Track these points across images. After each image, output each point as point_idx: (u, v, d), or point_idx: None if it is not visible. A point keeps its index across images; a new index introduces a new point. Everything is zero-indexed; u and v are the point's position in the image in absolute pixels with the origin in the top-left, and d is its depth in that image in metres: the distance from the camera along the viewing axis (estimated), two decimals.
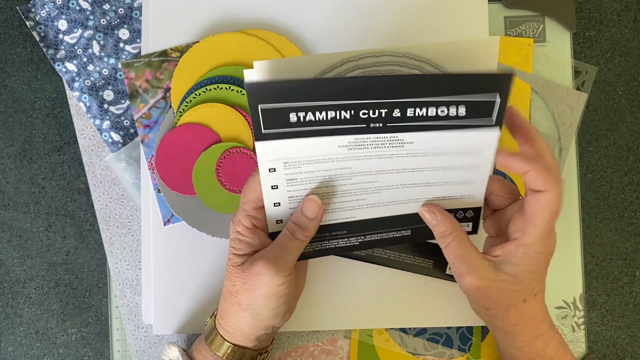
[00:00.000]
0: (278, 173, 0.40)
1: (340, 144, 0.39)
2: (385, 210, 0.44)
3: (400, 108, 0.38)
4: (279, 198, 0.42)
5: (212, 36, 0.53)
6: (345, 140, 0.39)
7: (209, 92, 0.52)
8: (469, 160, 0.41)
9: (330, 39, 0.54)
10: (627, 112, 0.58)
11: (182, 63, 0.52)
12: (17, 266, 0.56)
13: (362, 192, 0.43)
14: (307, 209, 0.42)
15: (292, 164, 0.40)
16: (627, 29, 0.58)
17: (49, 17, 0.55)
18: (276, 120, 0.37)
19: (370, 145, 0.40)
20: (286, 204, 0.42)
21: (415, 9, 0.54)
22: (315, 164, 0.40)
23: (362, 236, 0.45)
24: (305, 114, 0.37)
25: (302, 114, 0.37)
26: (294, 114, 0.37)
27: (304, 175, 0.41)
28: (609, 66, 0.58)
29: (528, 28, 0.56)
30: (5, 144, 0.56)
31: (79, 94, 0.55)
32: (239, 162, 0.51)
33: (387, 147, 0.40)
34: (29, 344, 0.56)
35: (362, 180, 0.42)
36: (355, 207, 0.44)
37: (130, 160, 0.55)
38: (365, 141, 0.39)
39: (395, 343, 0.54)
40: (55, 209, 0.56)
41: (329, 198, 0.43)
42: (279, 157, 0.39)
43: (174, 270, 0.53)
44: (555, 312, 0.55)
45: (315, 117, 0.37)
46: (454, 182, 0.43)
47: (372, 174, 0.41)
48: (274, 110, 0.37)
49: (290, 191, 0.42)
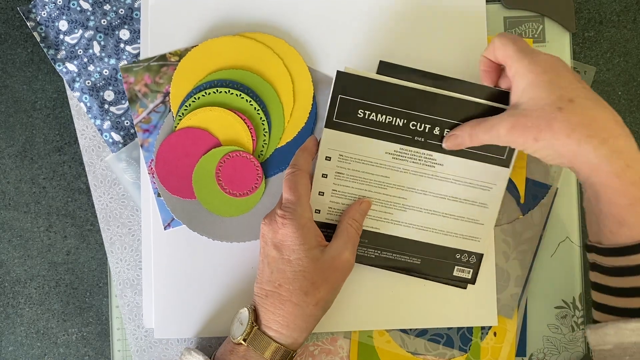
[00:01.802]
0: (331, 163, 0.47)
1: (387, 150, 0.46)
2: (406, 232, 0.48)
3: (440, 126, 0.46)
4: (324, 188, 0.48)
5: (211, 40, 0.53)
6: (392, 147, 0.46)
7: (208, 96, 0.52)
8: (482, 197, 0.48)
9: (329, 41, 0.54)
10: (627, 112, 0.58)
11: (181, 67, 0.52)
12: (17, 266, 0.56)
13: (391, 206, 0.48)
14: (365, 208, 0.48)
15: (345, 157, 0.47)
16: (626, 29, 0.58)
17: (49, 17, 0.55)
18: (347, 112, 0.46)
19: (410, 159, 0.47)
20: (328, 196, 0.48)
21: (413, 11, 0.54)
22: (362, 164, 0.47)
23: (378, 251, 0.49)
24: (371, 113, 0.45)
25: (368, 112, 0.45)
26: (362, 111, 0.45)
27: (350, 172, 0.47)
28: (608, 66, 0.58)
29: (527, 28, 0.56)
30: (6, 144, 0.57)
31: (79, 94, 0.55)
32: (238, 165, 0.51)
33: (422, 164, 0.47)
34: (30, 344, 0.56)
35: (395, 193, 0.48)
36: (382, 219, 0.48)
37: (130, 161, 0.55)
38: (407, 153, 0.46)
39: (396, 344, 0.54)
40: (55, 209, 0.56)
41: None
42: (338, 147, 0.46)
43: (175, 273, 0.53)
44: (554, 312, 0.55)
45: (376, 118, 0.45)
46: (467, 218, 0.48)
47: (405, 189, 0.47)
48: (349, 102, 0.45)
49: (336, 184, 0.47)
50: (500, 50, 0.44)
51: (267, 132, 0.52)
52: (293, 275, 0.44)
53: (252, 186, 0.52)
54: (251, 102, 0.51)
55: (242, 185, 0.51)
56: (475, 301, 0.52)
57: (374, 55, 0.54)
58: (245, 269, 0.53)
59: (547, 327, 0.54)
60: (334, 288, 0.46)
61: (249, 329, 0.45)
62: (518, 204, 0.54)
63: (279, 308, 0.45)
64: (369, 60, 0.54)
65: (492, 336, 0.53)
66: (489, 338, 0.54)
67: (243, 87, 0.52)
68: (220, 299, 0.53)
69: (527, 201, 0.54)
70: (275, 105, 0.52)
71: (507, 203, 0.54)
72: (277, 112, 0.52)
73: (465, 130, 0.45)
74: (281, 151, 0.52)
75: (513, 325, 0.54)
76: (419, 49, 0.54)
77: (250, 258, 0.53)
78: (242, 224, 0.53)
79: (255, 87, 0.52)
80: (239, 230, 0.53)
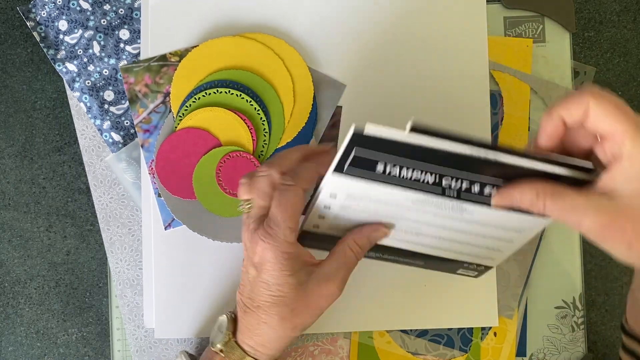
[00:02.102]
0: (337, 200, 0.40)
1: (408, 198, 0.39)
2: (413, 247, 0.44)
3: (480, 185, 0.38)
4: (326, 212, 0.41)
5: (212, 40, 0.53)
6: (415, 197, 0.38)
7: (209, 96, 0.52)
8: (509, 235, 0.41)
9: (329, 41, 0.54)
10: None
11: (182, 67, 0.52)
12: (17, 266, 0.56)
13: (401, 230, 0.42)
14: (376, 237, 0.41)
15: (354, 197, 0.39)
16: (626, 29, 0.58)
17: (49, 17, 0.55)
18: (363, 165, 0.37)
19: (434, 204, 0.39)
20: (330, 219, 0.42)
21: (414, 10, 0.54)
22: (375, 204, 0.40)
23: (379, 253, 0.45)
24: (393, 167, 0.37)
25: (390, 166, 0.37)
26: (382, 165, 0.37)
27: (359, 207, 0.40)
28: (608, 67, 0.58)
29: (527, 29, 0.56)
30: (5, 144, 0.57)
31: (79, 94, 0.55)
32: (239, 166, 0.51)
33: (448, 210, 0.39)
34: (30, 344, 0.56)
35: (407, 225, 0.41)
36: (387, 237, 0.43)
37: (130, 161, 0.55)
38: (433, 201, 0.39)
39: (396, 345, 0.54)
40: (55, 209, 0.56)
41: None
42: (347, 191, 0.39)
43: (175, 274, 0.53)
44: (554, 312, 0.55)
45: (399, 174, 0.37)
46: (484, 246, 0.43)
47: (420, 222, 0.41)
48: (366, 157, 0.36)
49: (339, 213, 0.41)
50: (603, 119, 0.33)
51: (267, 133, 0.52)
52: (272, 300, 0.41)
53: None
54: (251, 102, 0.51)
55: None
56: (475, 302, 0.52)
57: (374, 55, 0.54)
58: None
59: (547, 327, 0.54)
60: (316, 314, 0.42)
61: (227, 338, 0.43)
62: None
63: (255, 328, 0.43)
64: (368, 59, 0.54)
65: (492, 336, 0.53)
66: (489, 338, 0.54)
67: (243, 87, 0.52)
68: (220, 299, 0.53)
69: None
70: (275, 106, 0.52)
71: None
72: (277, 112, 0.52)
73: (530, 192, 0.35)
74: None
75: (513, 325, 0.54)
76: (419, 49, 0.54)
77: None
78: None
79: (256, 87, 0.52)
80: (239, 231, 0.52)
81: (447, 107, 0.54)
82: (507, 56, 0.55)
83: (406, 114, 0.53)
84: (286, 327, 0.42)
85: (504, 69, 0.55)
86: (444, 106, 0.54)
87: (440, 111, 0.54)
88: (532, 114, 0.55)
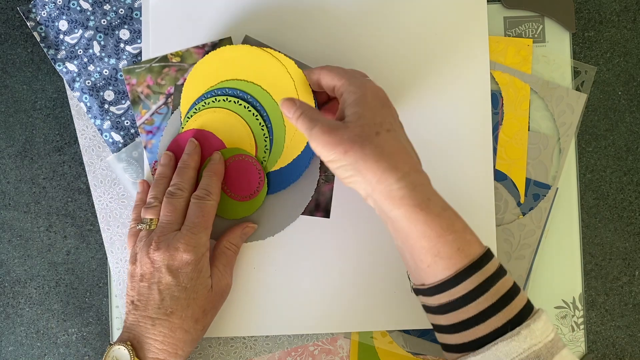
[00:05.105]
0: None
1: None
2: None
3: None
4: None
5: (230, 46, 0.52)
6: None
7: (217, 103, 0.51)
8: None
9: (330, 42, 0.54)
10: (627, 113, 0.58)
11: (197, 68, 0.52)
12: (17, 266, 0.56)
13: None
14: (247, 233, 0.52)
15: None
16: (626, 29, 0.58)
17: (49, 17, 0.55)
18: None
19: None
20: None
21: (415, 10, 0.54)
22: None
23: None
24: None
25: None
26: None
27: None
28: (609, 66, 0.58)
29: (527, 28, 0.56)
30: (5, 144, 0.57)
31: (79, 94, 0.55)
32: (242, 168, 0.51)
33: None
34: (30, 344, 0.56)
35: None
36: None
37: (131, 160, 0.55)
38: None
39: (397, 345, 0.54)
40: (55, 209, 0.56)
41: None
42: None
43: None
44: (554, 311, 0.55)
45: None
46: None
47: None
48: None
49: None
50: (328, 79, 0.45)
51: (267, 150, 0.51)
52: (187, 303, 0.44)
53: (254, 189, 0.52)
54: (257, 117, 0.51)
55: (245, 188, 0.51)
56: None
57: (375, 56, 0.54)
58: (246, 269, 0.53)
59: None
60: (217, 312, 0.48)
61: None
62: (518, 204, 0.54)
63: (169, 336, 0.44)
64: (368, 60, 0.54)
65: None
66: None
67: (253, 100, 0.51)
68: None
69: (527, 201, 0.54)
70: (278, 127, 0.51)
71: (507, 203, 0.54)
72: (279, 133, 0.51)
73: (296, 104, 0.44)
74: (274, 175, 0.52)
75: None
76: (419, 49, 0.54)
77: (251, 259, 0.53)
78: None
79: (265, 104, 0.51)
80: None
81: (448, 107, 0.54)
82: (507, 56, 0.55)
83: (406, 115, 0.53)
84: (198, 328, 0.45)
85: (504, 69, 0.55)
86: (445, 106, 0.54)
87: (441, 111, 0.54)
88: (532, 114, 0.55)
